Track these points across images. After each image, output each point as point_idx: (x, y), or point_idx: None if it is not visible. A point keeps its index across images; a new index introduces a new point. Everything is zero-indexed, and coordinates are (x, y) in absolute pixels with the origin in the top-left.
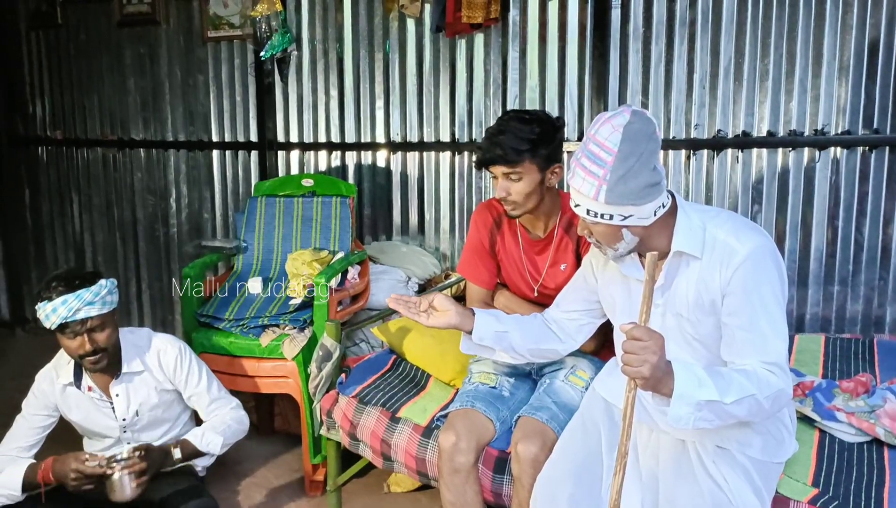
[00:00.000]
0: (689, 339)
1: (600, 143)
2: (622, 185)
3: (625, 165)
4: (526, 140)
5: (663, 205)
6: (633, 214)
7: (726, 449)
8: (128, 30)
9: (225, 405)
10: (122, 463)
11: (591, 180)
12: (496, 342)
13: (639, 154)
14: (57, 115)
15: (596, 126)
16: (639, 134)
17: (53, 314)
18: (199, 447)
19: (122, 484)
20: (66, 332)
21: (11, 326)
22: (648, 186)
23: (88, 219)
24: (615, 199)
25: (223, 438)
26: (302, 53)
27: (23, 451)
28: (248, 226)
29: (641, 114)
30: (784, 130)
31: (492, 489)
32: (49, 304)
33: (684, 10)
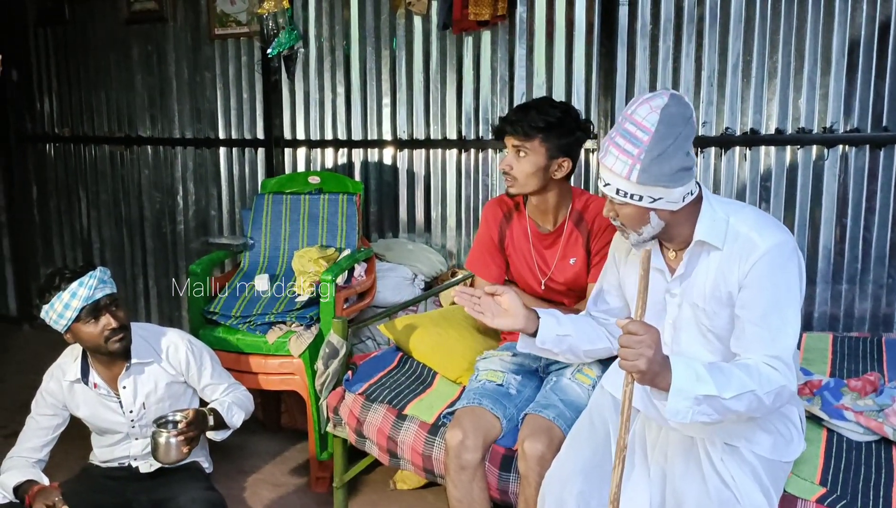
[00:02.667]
0: (704, 331)
1: (637, 122)
2: (656, 166)
3: (661, 145)
4: (544, 120)
5: (692, 192)
6: (663, 197)
7: (735, 447)
8: (135, 27)
9: (236, 388)
10: (173, 429)
11: (624, 159)
12: (556, 345)
13: (675, 136)
14: (65, 112)
15: (633, 106)
16: (676, 116)
17: (74, 299)
18: (225, 418)
19: (170, 447)
20: (89, 316)
21: (19, 321)
22: (681, 170)
23: (96, 216)
24: (647, 179)
25: (245, 414)
26: (309, 51)
27: (35, 452)
28: (254, 223)
29: (679, 98)
30: (792, 127)
31: (498, 486)
32: (65, 293)
33: (692, 7)
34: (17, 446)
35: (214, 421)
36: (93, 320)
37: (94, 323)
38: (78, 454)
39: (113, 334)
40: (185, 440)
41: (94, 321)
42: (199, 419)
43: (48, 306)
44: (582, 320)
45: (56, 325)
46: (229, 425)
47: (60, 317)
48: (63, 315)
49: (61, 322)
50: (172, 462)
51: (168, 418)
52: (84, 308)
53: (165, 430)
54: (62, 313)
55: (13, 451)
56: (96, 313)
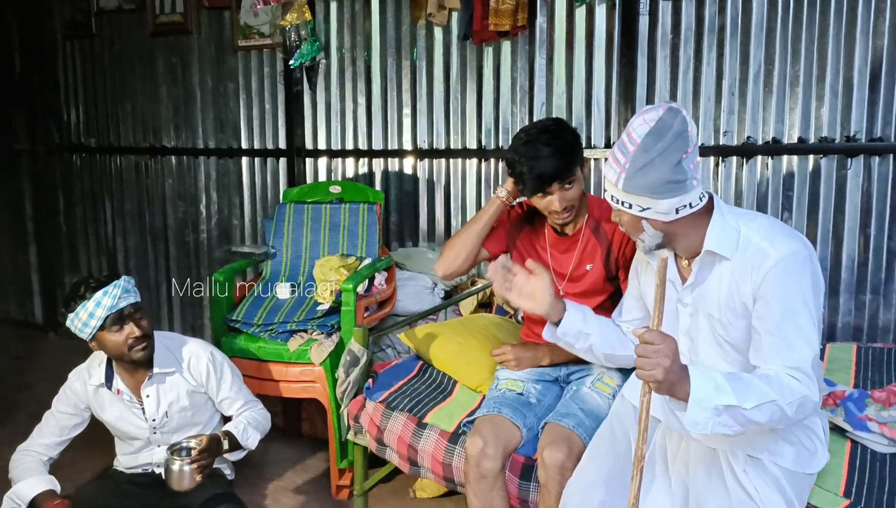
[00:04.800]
0: (721, 341)
1: (629, 134)
2: (640, 176)
3: (644, 157)
4: (570, 150)
5: (690, 205)
6: (651, 207)
7: (758, 459)
8: (161, 39)
9: (253, 406)
10: (185, 457)
11: (615, 168)
12: (576, 340)
13: (660, 149)
14: (91, 122)
15: (633, 118)
16: (665, 130)
17: (98, 309)
18: (240, 440)
19: (183, 475)
20: (114, 324)
21: (45, 329)
22: (668, 183)
23: (121, 225)
24: (632, 188)
25: (260, 435)
26: (330, 62)
27: (48, 449)
28: (276, 232)
29: (676, 111)
30: (815, 136)
31: (518, 495)
32: (89, 302)
33: (713, 16)
34: (30, 440)
35: (229, 444)
36: (117, 328)
37: (119, 332)
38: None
39: (136, 342)
40: (198, 469)
41: (119, 329)
42: (213, 445)
43: (73, 314)
44: (609, 325)
45: (81, 333)
46: (244, 447)
47: (85, 325)
48: (88, 324)
49: (86, 331)
50: (185, 490)
51: (182, 444)
52: (108, 317)
53: (179, 458)
54: (87, 321)
55: (26, 445)
56: (120, 322)
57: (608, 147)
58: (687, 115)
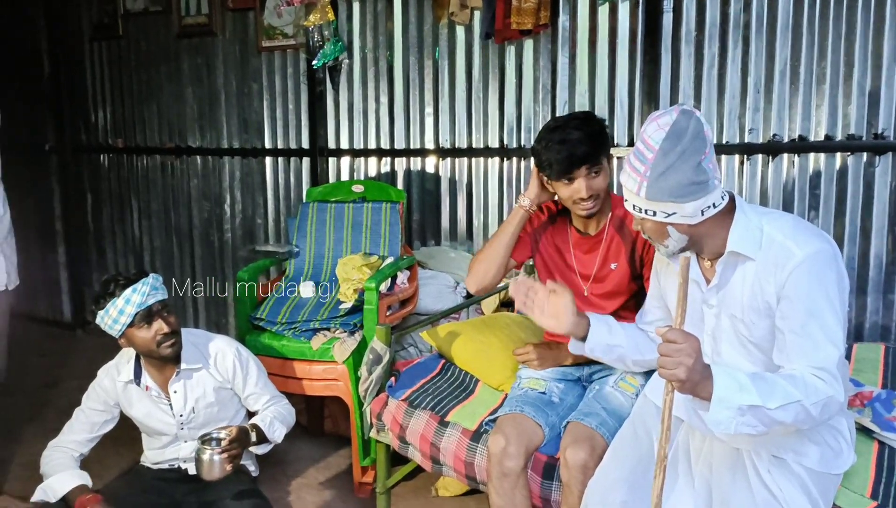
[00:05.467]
0: (744, 341)
1: (645, 140)
2: (662, 181)
3: (664, 162)
4: (596, 135)
5: (714, 205)
6: (676, 211)
7: (782, 459)
8: (186, 41)
9: (278, 401)
10: (215, 447)
11: (634, 176)
12: (606, 354)
13: (680, 152)
14: (118, 123)
15: (646, 124)
16: (682, 132)
17: (128, 306)
18: (266, 434)
19: (213, 464)
20: (142, 321)
21: (73, 327)
22: (691, 185)
23: (147, 224)
24: (655, 195)
25: (286, 429)
26: (353, 61)
27: (79, 445)
28: (299, 231)
29: (690, 113)
30: (842, 134)
31: (541, 494)
32: (119, 299)
33: (738, 12)
34: (61, 436)
35: (256, 437)
36: (146, 325)
37: (147, 328)
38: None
39: (165, 338)
40: (228, 458)
41: (147, 326)
42: (242, 436)
43: (103, 311)
44: (634, 330)
45: (111, 330)
46: (270, 440)
47: (115, 322)
48: (117, 320)
49: (116, 327)
50: (215, 479)
51: (212, 435)
52: (137, 314)
53: (209, 447)
54: (116, 318)
55: (57, 441)
56: (149, 319)
57: (631, 145)
58: (700, 115)
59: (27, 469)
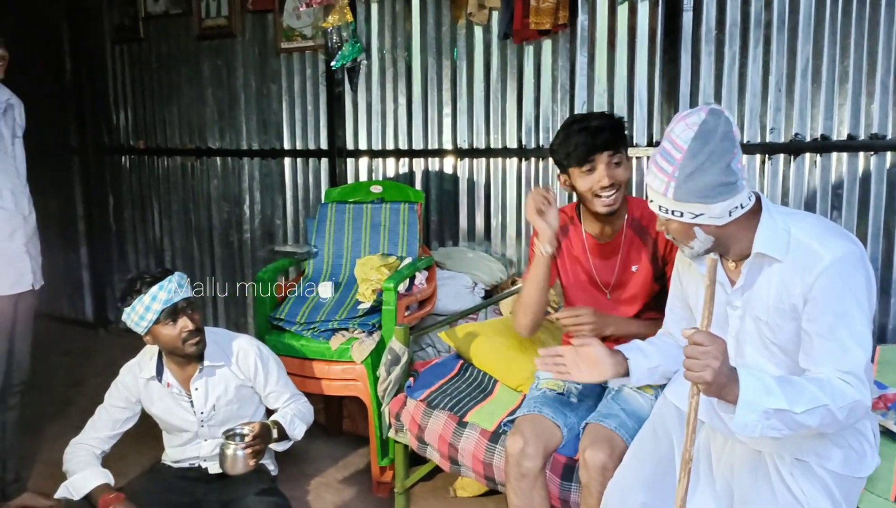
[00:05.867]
0: (768, 344)
1: (673, 140)
2: (690, 182)
3: (693, 162)
4: (620, 127)
5: (741, 206)
6: (704, 212)
7: (805, 462)
8: (206, 43)
9: (297, 399)
10: (240, 442)
11: (661, 177)
12: (650, 378)
13: (709, 152)
14: (139, 125)
15: (672, 124)
16: (711, 132)
17: (154, 302)
18: (287, 431)
19: (237, 459)
20: (168, 318)
21: (95, 326)
22: (720, 185)
23: (168, 224)
24: (683, 196)
25: (305, 426)
26: (371, 62)
27: (101, 442)
28: (318, 232)
29: (718, 112)
30: (865, 133)
31: (560, 495)
32: (145, 296)
33: (759, 11)
34: (84, 433)
35: (278, 434)
36: (171, 322)
37: (173, 325)
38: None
39: (190, 335)
40: (252, 453)
41: (173, 323)
42: (265, 432)
43: (129, 309)
44: (665, 343)
45: (137, 327)
46: (291, 437)
47: (141, 319)
48: (144, 317)
49: (142, 324)
50: (238, 474)
51: (236, 430)
52: (163, 311)
53: (233, 442)
54: (143, 315)
55: (79, 438)
56: (174, 316)
57: (650, 146)
58: (729, 115)
59: (51, 467)
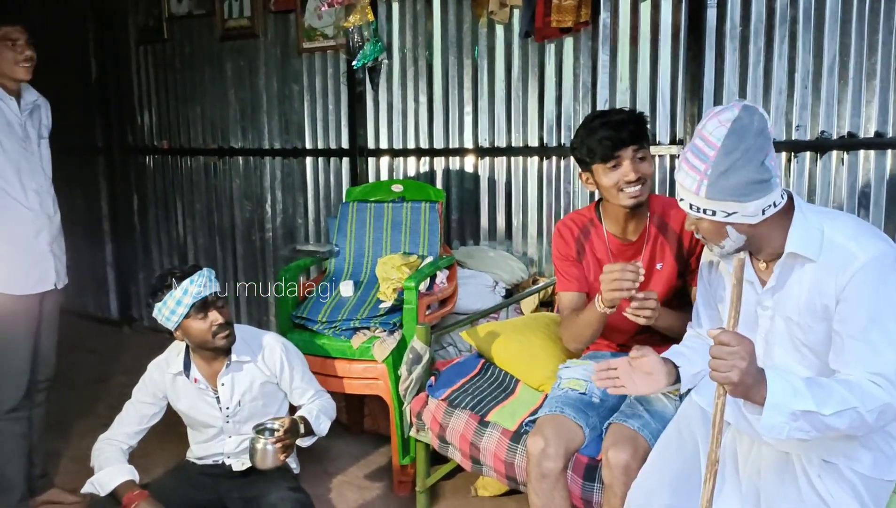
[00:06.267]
0: (798, 345)
1: (705, 137)
2: (724, 180)
3: (727, 160)
4: (643, 122)
5: (774, 204)
6: (737, 211)
7: (833, 464)
8: (229, 43)
9: (321, 395)
10: (270, 436)
11: (693, 175)
12: (693, 383)
13: (744, 150)
14: (163, 125)
15: (704, 121)
16: (746, 129)
17: (185, 296)
18: (313, 426)
19: (267, 453)
20: (198, 312)
21: (120, 324)
22: (754, 183)
23: (191, 224)
24: (716, 194)
25: (329, 422)
26: (392, 62)
27: (129, 438)
28: (339, 231)
29: (752, 109)
30: (893, 131)
31: (582, 496)
32: (177, 291)
33: (784, 7)
34: (112, 429)
35: (304, 429)
36: (202, 316)
37: (203, 319)
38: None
39: (220, 329)
40: (282, 448)
41: (203, 317)
42: (294, 427)
43: (161, 303)
44: (697, 345)
45: (168, 322)
46: (316, 432)
47: (173, 313)
48: (175, 311)
49: (173, 318)
50: (268, 468)
51: (266, 425)
52: (194, 305)
53: (263, 437)
54: (174, 309)
55: (107, 434)
56: (205, 310)
57: (674, 144)
58: (763, 111)
59: (77, 463)
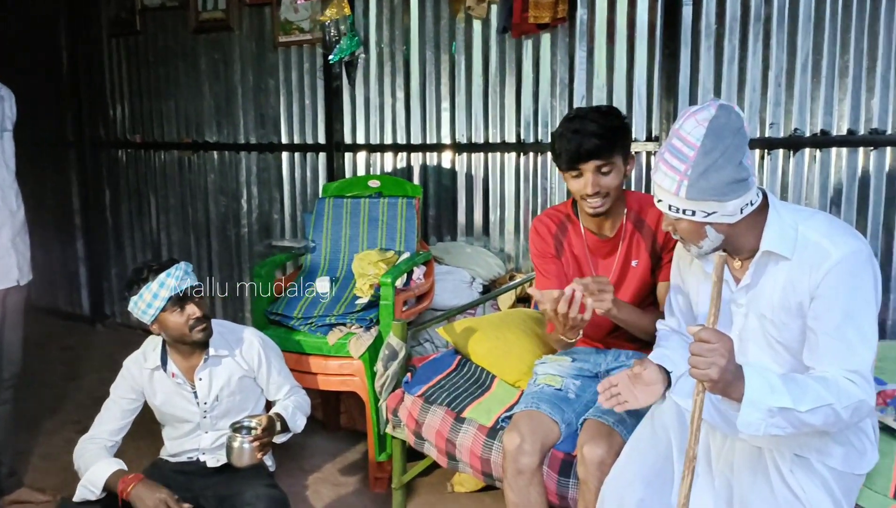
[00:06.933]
0: (772, 342)
1: (683, 137)
2: (704, 180)
3: (707, 159)
4: (613, 131)
5: (751, 203)
6: (717, 210)
7: (805, 458)
8: (203, 36)
9: (297, 391)
10: (247, 435)
11: (672, 175)
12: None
13: (723, 149)
14: (136, 118)
15: (681, 120)
16: (724, 128)
17: (162, 289)
18: (289, 423)
19: (244, 451)
20: (175, 305)
21: (91, 321)
22: (733, 183)
23: (165, 219)
24: (696, 194)
25: (305, 418)
26: (369, 56)
27: (112, 435)
28: (316, 226)
29: (728, 108)
30: (865, 128)
31: (557, 491)
32: (153, 283)
33: (759, 5)
34: (93, 428)
35: (280, 426)
36: (178, 309)
37: (180, 313)
38: (148, 450)
39: (197, 323)
40: (259, 447)
41: (180, 310)
42: (272, 425)
43: (137, 296)
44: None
45: (144, 315)
46: (292, 429)
47: (149, 306)
48: (151, 305)
49: (150, 312)
50: (244, 466)
51: (243, 423)
52: (171, 298)
53: (240, 435)
54: (151, 302)
55: (89, 434)
56: (182, 303)
57: (649, 141)
58: (738, 109)
59: (47, 461)
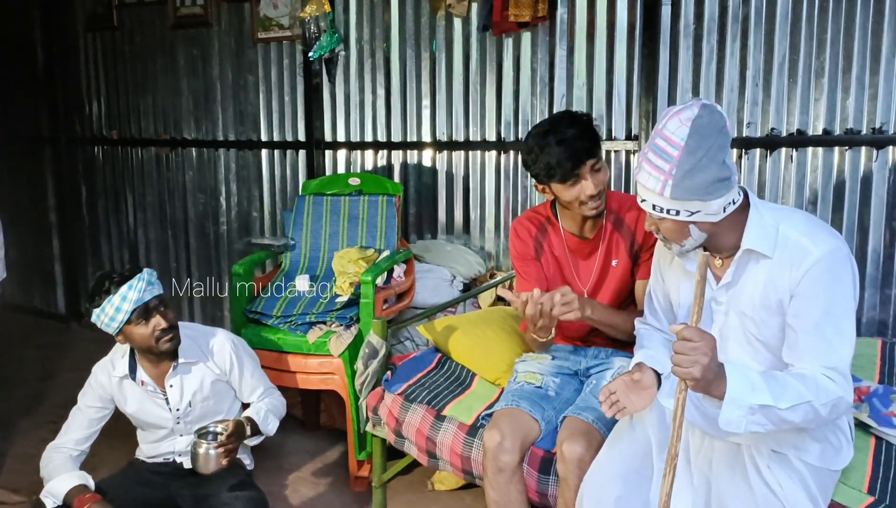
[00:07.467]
0: (752, 339)
1: (667, 137)
2: (689, 180)
3: (691, 159)
4: (589, 129)
5: (733, 201)
6: (701, 209)
7: (782, 455)
8: (181, 32)
9: (271, 393)
10: (212, 441)
11: (656, 175)
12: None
13: (707, 148)
14: (112, 115)
15: (664, 120)
16: (707, 128)
17: (124, 303)
18: (261, 426)
19: (209, 458)
20: (139, 318)
21: (67, 320)
22: (717, 182)
23: (142, 216)
24: (681, 194)
25: (278, 421)
26: (349, 53)
27: (78, 444)
28: (295, 224)
29: (711, 107)
30: (840, 128)
31: (537, 489)
32: (115, 296)
33: (737, 6)
34: (60, 437)
35: (251, 430)
36: (143, 321)
37: (145, 324)
38: (123, 449)
39: (163, 334)
40: (224, 453)
41: (145, 322)
42: (239, 430)
43: (99, 310)
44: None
45: (108, 328)
46: (264, 432)
47: (112, 320)
48: (115, 318)
49: (113, 325)
50: (211, 473)
51: (209, 429)
52: (135, 311)
53: (206, 441)
54: (113, 316)
55: (56, 442)
56: (146, 315)
57: (629, 140)
58: (721, 109)
59: (22, 462)
